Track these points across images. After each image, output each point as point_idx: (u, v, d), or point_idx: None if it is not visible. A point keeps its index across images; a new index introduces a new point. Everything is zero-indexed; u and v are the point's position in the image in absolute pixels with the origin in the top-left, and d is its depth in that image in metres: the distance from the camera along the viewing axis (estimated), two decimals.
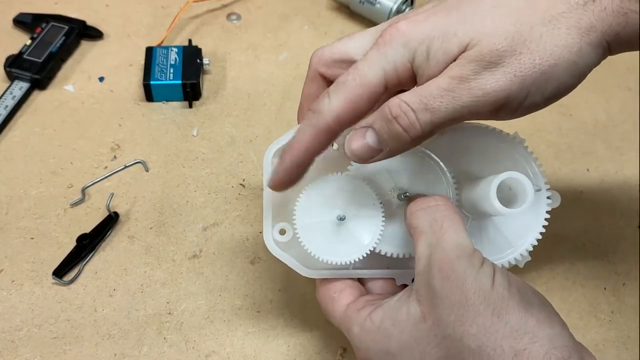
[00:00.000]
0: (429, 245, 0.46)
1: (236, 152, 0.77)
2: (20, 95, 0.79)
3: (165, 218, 0.70)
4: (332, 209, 0.52)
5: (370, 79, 0.45)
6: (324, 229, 0.52)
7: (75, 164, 0.74)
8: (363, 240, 0.52)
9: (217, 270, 0.67)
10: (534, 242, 0.53)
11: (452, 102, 0.43)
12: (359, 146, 0.45)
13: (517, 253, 0.53)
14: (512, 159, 0.53)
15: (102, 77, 0.84)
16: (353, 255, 0.51)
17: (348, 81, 0.46)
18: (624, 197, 0.76)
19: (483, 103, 0.43)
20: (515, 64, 0.43)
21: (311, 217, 0.52)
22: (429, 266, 0.45)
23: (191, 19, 0.92)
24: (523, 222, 0.53)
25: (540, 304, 0.44)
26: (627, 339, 0.65)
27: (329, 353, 0.62)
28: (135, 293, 0.65)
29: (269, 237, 0.53)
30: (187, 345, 0.62)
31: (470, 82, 0.43)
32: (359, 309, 0.49)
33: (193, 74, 0.80)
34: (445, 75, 0.43)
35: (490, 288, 0.43)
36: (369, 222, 0.52)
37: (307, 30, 0.93)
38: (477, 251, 0.45)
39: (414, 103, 0.43)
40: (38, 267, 0.66)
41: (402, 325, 0.46)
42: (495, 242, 0.54)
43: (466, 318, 0.42)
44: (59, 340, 0.61)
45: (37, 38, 0.84)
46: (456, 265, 0.43)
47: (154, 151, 0.76)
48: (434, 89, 0.43)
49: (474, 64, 0.43)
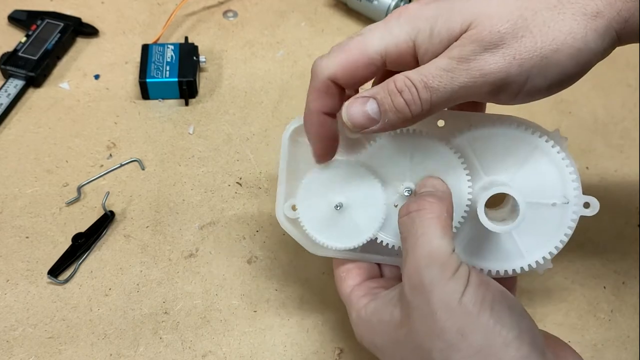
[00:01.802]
0: (405, 252, 0.46)
1: (233, 151, 0.76)
2: (15, 93, 0.78)
3: (161, 217, 0.70)
4: (336, 194, 0.52)
5: (370, 47, 0.46)
6: (325, 213, 0.52)
7: (70, 162, 0.74)
8: (362, 229, 0.52)
9: (214, 270, 0.66)
10: (546, 255, 0.52)
11: (450, 82, 0.43)
12: (357, 112, 0.45)
13: (532, 261, 0.52)
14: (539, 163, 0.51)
15: (97, 74, 0.83)
16: (351, 242, 0.52)
17: (349, 45, 0.47)
18: (624, 195, 0.75)
19: (481, 84, 0.43)
20: (515, 47, 0.42)
21: (314, 199, 0.52)
22: (403, 275, 0.45)
23: (187, 16, 0.92)
24: (543, 234, 0.52)
25: (512, 322, 0.42)
26: (626, 339, 0.65)
27: (326, 353, 0.62)
28: (131, 292, 0.64)
29: (280, 213, 0.54)
30: (184, 345, 0.61)
31: (470, 63, 0.43)
32: (360, 295, 0.50)
33: (189, 71, 0.80)
34: (445, 55, 0.44)
35: (457, 303, 0.42)
36: (371, 211, 0.52)
37: (304, 27, 0.92)
38: (452, 258, 0.43)
39: (416, 80, 0.43)
40: (33, 266, 0.65)
41: (385, 326, 0.46)
42: (506, 247, 0.52)
43: (433, 332, 0.42)
44: (54, 340, 0.61)
45: (32, 35, 0.83)
46: (424, 275, 0.43)
47: (150, 149, 0.76)
48: (434, 69, 0.43)
49: (474, 45, 0.43)
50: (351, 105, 0.46)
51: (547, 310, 0.66)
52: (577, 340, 0.64)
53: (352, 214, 0.52)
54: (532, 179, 0.51)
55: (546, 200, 0.51)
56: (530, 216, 0.50)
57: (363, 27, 0.90)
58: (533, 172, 0.51)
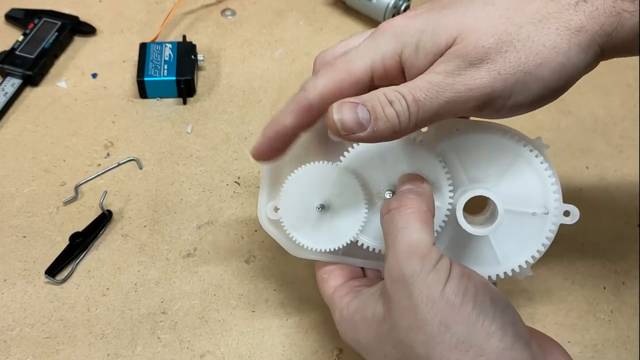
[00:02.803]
0: (386, 246, 0.46)
1: (231, 150, 0.76)
2: (12, 91, 0.78)
3: (159, 216, 0.70)
4: (317, 196, 0.52)
5: (357, 66, 0.46)
6: (306, 215, 0.53)
7: (68, 161, 0.73)
8: (343, 231, 0.52)
9: (212, 269, 0.66)
10: (523, 263, 0.52)
11: (436, 96, 0.43)
12: (349, 117, 0.44)
13: (509, 268, 0.52)
14: (522, 172, 0.51)
15: (95, 73, 0.83)
16: (332, 244, 0.52)
17: (336, 65, 0.47)
18: (624, 195, 0.75)
19: (466, 99, 0.43)
20: (500, 62, 0.42)
21: (296, 201, 0.53)
22: (385, 270, 0.45)
23: (185, 15, 0.91)
24: (522, 241, 0.52)
25: (495, 313, 0.42)
26: (627, 339, 0.64)
27: (325, 354, 0.62)
28: (128, 292, 0.64)
29: (262, 214, 0.55)
30: (182, 345, 0.61)
31: (455, 78, 0.43)
32: (343, 294, 0.51)
33: (187, 70, 0.80)
34: (432, 70, 0.44)
35: (439, 295, 0.42)
36: (352, 214, 0.52)
37: (302, 25, 0.92)
38: (432, 250, 0.44)
39: (405, 93, 0.43)
40: (30, 265, 0.65)
41: (368, 323, 0.46)
42: (487, 253, 0.53)
43: (415, 325, 0.42)
44: (51, 340, 0.61)
45: (29, 34, 0.83)
46: (404, 268, 0.43)
47: (147, 148, 0.75)
48: (420, 83, 0.43)
49: (459, 60, 0.43)
50: (342, 107, 0.44)
51: (547, 310, 0.66)
52: (577, 340, 0.64)
53: (333, 217, 0.53)
54: (514, 187, 0.51)
55: (526, 209, 0.51)
56: (510, 223, 0.51)
57: (362, 25, 0.92)
58: (515, 181, 0.51)
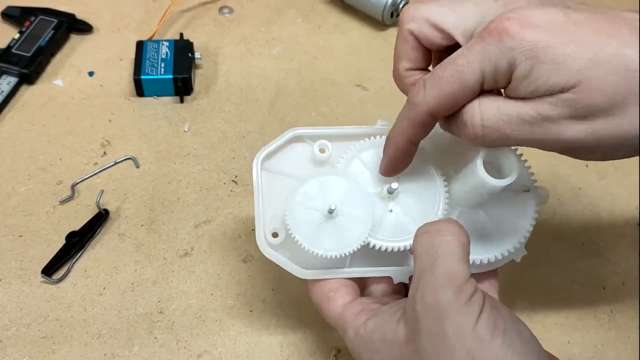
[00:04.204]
0: (421, 269, 0.45)
1: (228, 148, 0.76)
2: (9, 90, 0.78)
3: (156, 215, 0.69)
4: (323, 204, 0.52)
5: (467, 79, 0.43)
6: (315, 224, 0.52)
7: (64, 160, 0.73)
8: (354, 235, 0.52)
9: (209, 269, 0.66)
10: (521, 239, 0.54)
11: (524, 134, 0.42)
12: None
13: (510, 246, 0.53)
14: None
15: (91, 71, 0.83)
16: (345, 249, 0.52)
17: (444, 77, 0.44)
18: (624, 194, 0.75)
19: (552, 145, 0.43)
20: (602, 123, 0.41)
21: (303, 211, 0.52)
22: (416, 290, 0.44)
23: (182, 13, 0.91)
24: (513, 220, 0.54)
25: (523, 348, 0.42)
26: (626, 339, 0.64)
27: (323, 354, 0.61)
28: (125, 292, 0.64)
29: (262, 240, 0.53)
30: (179, 345, 0.61)
31: (551, 124, 0.41)
32: (356, 313, 0.49)
33: (184, 68, 0.80)
34: (533, 107, 0.42)
35: (471, 328, 0.41)
36: (359, 217, 0.52)
37: (300, 23, 0.92)
38: (469, 283, 0.43)
39: (490, 120, 0.43)
40: (26, 265, 0.65)
41: (389, 344, 0.45)
42: (485, 236, 0.54)
43: (443, 353, 0.41)
44: (48, 339, 0.61)
45: (25, 32, 0.83)
46: (440, 295, 0.42)
47: (144, 147, 0.75)
48: (515, 116, 0.42)
49: (566, 109, 0.41)
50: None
51: (547, 310, 0.65)
52: (577, 340, 0.64)
53: (342, 222, 0.53)
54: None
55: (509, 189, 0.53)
56: (499, 205, 0.54)
57: (360, 23, 0.91)
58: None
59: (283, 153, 0.57)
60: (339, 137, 0.57)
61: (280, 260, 0.53)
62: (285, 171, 0.55)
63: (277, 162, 0.56)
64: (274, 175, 0.56)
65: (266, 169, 0.55)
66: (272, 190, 0.55)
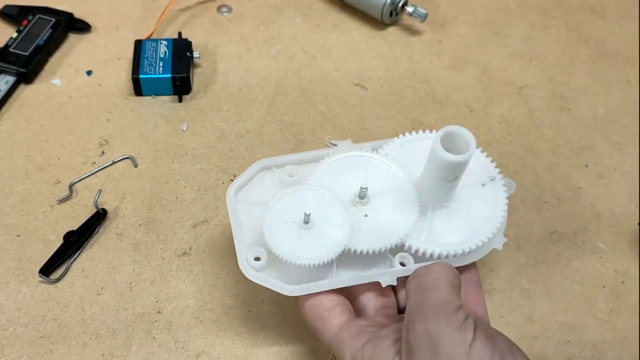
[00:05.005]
0: (411, 306, 0.46)
1: (227, 148, 0.76)
2: (6, 89, 0.77)
3: (154, 215, 0.69)
4: (299, 215, 0.54)
5: None
6: (294, 236, 0.54)
7: (62, 159, 0.73)
8: (333, 241, 0.53)
9: (207, 269, 0.66)
10: (497, 225, 0.55)
11: None
12: None
13: (487, 234, 0.55)
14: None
15: (90, 70, 0.82)
16: (326, 256, 0.52)
17: None
18: (623, 194, 0.75)
19: None
20: None
21: (280, 226, 0.54)
22: (408, 324, 0.45)
23: (181, 12, 0.91)
24: (485, 210, 0.56)
25: None
26: (626, 339, 0.64)
27: (322, 354, 0.61)
28: (123, 291, 0.64)
29: (245, 265, 0.55)
30: (177, 345, 0.61)
31: None
32: (353, 335, 0.49)
33: (183, 67, 0.79)
34: None
35: (465, 355, 0.42)
36: (336, 223, 0.54)
37: (299, 22, 0.92)
38: (460, 311, 0.44)
39: None
40: (24, 265, 0.65)
41: None
42: (461, 229, 0.55)
43: None
44: (45, 339, 0.61)
45: (23, 31, 0.83)
46: (431, 325, 0.43)
47: (143, 146, 0.75)
48: None
49: None
50: None
51: (546, 309, 0.65)
52: (576, 340, 0.64)
53: (319, 230, 0.54)
54: None
55: (476, 182, 0.57)
56: (470, 198, 0.56)
57: (359, 23, 0.91)
58: None
59: (253, 184, 0.60)
60: (303, 161, 0.61)
61: (265, 281, 0.54)
62: (258, 200, 0.58)
63: (250, 193, 0.59)
64: (249, 205, 0.58)
65: (240, 201, 0.58)
66: (249, 218, 0.57)
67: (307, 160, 0.61)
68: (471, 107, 0.82)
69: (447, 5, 0.95)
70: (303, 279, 0.53)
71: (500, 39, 0.91)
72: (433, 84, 0.84)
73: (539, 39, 0.91)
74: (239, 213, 0.57)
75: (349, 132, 0.77)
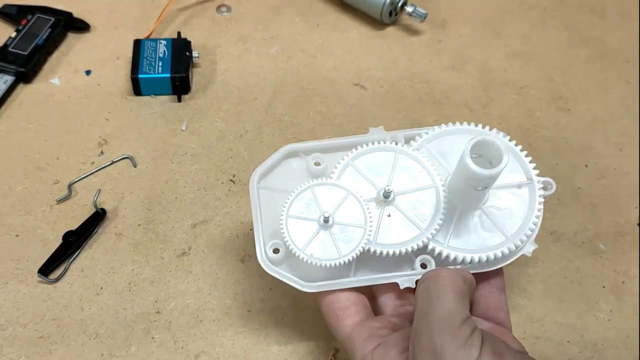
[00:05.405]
0: (418, 315, 0.46)
1: (226, 148, 0.75)
2: (5, 88, 0.77)
3: (153, 215, 0.69)
4: (318, 214, 0.53)
5: None
6: (312, 234, 0.53)
7: (61, 159, 0.73)
8: (352, 242, 0.53)
9: (207, 269, 0.66)
10: (527, 232, 0.53)
11: None
12: None
13: (516, 241, 0.53)
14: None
15: (89, 70, 0.82)
16: (343, 257, 0.52)
17: None
18: (623, 194, 0.75)
19: None
20: None
21: (299, 223, 0.53)
22: (415, 335, 0.45)
23: (180, 11, 0.91)
24: (517, 214, 0.54)
25: None
26: (626, 339, 0.64)
27: (321, 354, 0.61)
28: (122, 291, 0.64)
29: (263, 257, 0.54)
30: (176, 344, 0.61)
31: None
32: (364, 338, 0.49)
33: (182, 67, 0.79)
34: None
35: None
36: (356, 224, 0.53)
37: (298, 22, 0.91)
38: (466, 324, 0.43)
39: None
40: (23, 265, 0.65)
41: None
42: (489, 233, 0.54)
43: None
44: (44, 339, 0.60)
45: (22, 30, 0.82)
46: (436, 339, 0.43)
47: (142, 146, 0.75)
48: None
49: None
50: None
51: (546, 309, 0.65)
52: (576, 340, 0.64)
53: (338, 230, 0.53)
54: None
55: (512, 182, 0.55)
56: (502, 200, 0.54)
57: (358, 22, 0.91)
58: None
59: (279, 170, 0.58)
60: (332, 149, 0.59)
61: (282, 275, 0.53)
62: (283, 187, 0.56)
63: (274, 180, 0.57)
64: (272, 193, 0.57)
65: (263, 187, 0.57)
66: (271, 207, 0.56)
67: (336, 147, 0.59)
68: (471, 107, 0.82)
69: (447, 5, 0.95)
70: (320, 275, 0.53)
71: (499, 39, 0.91)
72: (433, 83, 0.84)
73: (539, 39, 0.91)
74: (262, 199, 0.56)
75: (348, 132, 0.77)
